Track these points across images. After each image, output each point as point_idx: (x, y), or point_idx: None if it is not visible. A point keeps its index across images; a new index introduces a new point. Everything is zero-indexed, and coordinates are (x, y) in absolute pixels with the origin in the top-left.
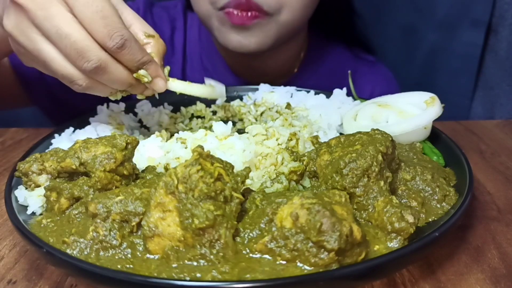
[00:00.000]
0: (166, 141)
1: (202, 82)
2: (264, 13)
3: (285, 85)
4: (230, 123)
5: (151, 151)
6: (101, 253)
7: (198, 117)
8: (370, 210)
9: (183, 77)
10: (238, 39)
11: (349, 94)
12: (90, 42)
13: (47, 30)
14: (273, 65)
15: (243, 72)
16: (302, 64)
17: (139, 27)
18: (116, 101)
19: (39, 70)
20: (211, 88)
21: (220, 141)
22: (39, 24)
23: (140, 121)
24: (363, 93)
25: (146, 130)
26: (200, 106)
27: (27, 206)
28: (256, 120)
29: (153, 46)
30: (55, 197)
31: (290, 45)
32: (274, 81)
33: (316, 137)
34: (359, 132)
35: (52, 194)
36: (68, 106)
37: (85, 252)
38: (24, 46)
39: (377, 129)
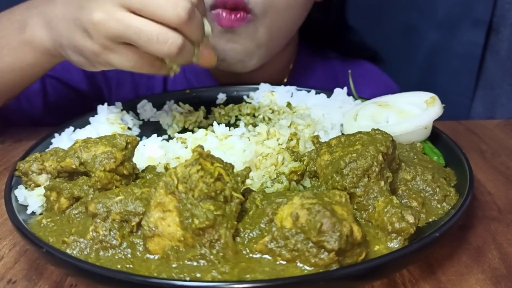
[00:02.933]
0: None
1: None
2: (250, 12)
3: None
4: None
5: (151, 151)
6: (101, 253)
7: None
8: (370, 210)
9: (164, 90)
10: (224, 44)
11: (349, 93)
12: None
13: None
14: (261, 78)
15: (229, 84)
16: (291, 75)
17: None
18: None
19: (120, 62)
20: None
21: (220, 141)
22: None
23: (142, 120)
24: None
25: (146, 129)
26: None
27: (27, 206)
28: (256, 117)
29: None
30: (55, 196)
31: (278, 57)
32: None
33: (317, 137)
34: (360, 132)
35: (52, 193)
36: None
37: (85, 252)
38: (115, 31)
39: (378, 129)
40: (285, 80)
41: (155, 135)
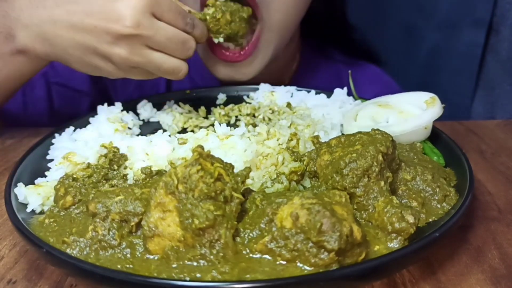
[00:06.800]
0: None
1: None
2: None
3: None
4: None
5: (159, 146)
6: (101, 252)
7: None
8: (370, 210)
9: (168, 88)
10: (227, 73)
11: (349, 94)
12: (184, 33)
13: (158, 41)
14: (263, 77)
15: (232, 84)
16: (295, 75)
17: None
18: (113, 103)
19: (135, 76)
20: None
21: (221, 141)
22: (150, 39)
23: (142, 120)
24: None
25: (146, 129)
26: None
27: (26, 204)
28: (256, 117)
29: None
30: (62, 192)
31: (280, 55)
32: None
33: (317, 137)
34: (360, 132)
35: (61, 188)
36: None
37: (85, 252)
38: (138, 63)
39: (378, 129)
40: (287, 82)
41: (161, 131)
